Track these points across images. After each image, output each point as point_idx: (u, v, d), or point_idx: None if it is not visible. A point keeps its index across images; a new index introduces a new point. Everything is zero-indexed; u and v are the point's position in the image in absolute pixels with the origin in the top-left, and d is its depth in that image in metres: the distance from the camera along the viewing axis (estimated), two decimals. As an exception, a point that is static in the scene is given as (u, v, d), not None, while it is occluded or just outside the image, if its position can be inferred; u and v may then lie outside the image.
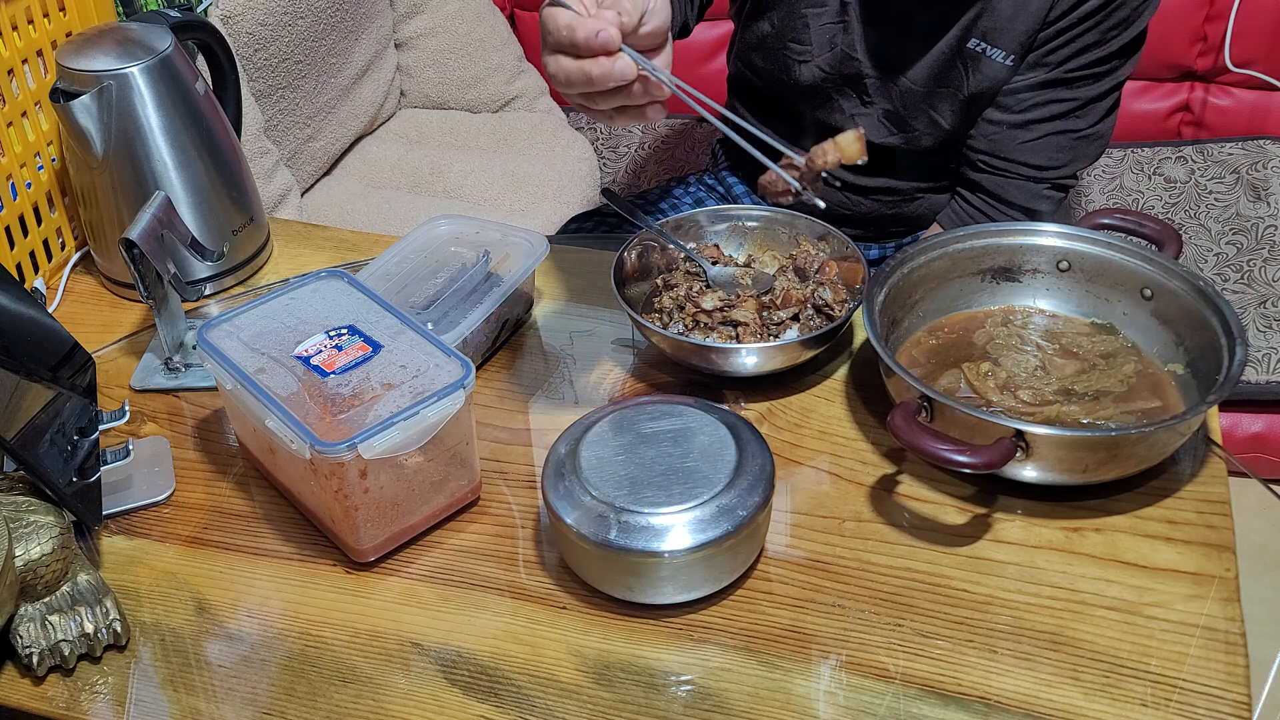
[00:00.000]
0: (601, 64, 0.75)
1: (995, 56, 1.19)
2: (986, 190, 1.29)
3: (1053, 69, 1.19)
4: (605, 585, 0.82)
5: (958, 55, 1.20)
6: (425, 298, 1.03)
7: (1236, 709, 0.74)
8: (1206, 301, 0.93)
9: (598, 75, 0.75)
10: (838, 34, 1.24)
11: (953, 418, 0.85)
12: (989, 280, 1.03)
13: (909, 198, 1.36)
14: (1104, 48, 1.18)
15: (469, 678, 0.78)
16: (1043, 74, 1.20)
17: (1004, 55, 1.19)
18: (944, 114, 1.25)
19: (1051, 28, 1.17)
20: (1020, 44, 1.18)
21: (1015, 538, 0.86)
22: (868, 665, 0.78)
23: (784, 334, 1.00)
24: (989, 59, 1.19)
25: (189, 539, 0.89)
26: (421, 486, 0.86)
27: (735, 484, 0.80)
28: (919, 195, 1.36)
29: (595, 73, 0.75)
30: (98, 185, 1.10)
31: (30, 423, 0.82)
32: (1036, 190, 1.27)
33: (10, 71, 1.09)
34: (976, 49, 1.19)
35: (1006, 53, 1.19)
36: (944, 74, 1.22)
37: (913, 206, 1.37)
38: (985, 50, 1.19)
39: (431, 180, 1.96)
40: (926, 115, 1.25)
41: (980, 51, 1.19)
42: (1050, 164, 1.25)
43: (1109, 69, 1.20)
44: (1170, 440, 0.86)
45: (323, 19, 1.81)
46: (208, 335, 0.89)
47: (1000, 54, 1.19)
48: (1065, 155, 1.25)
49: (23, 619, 0.79)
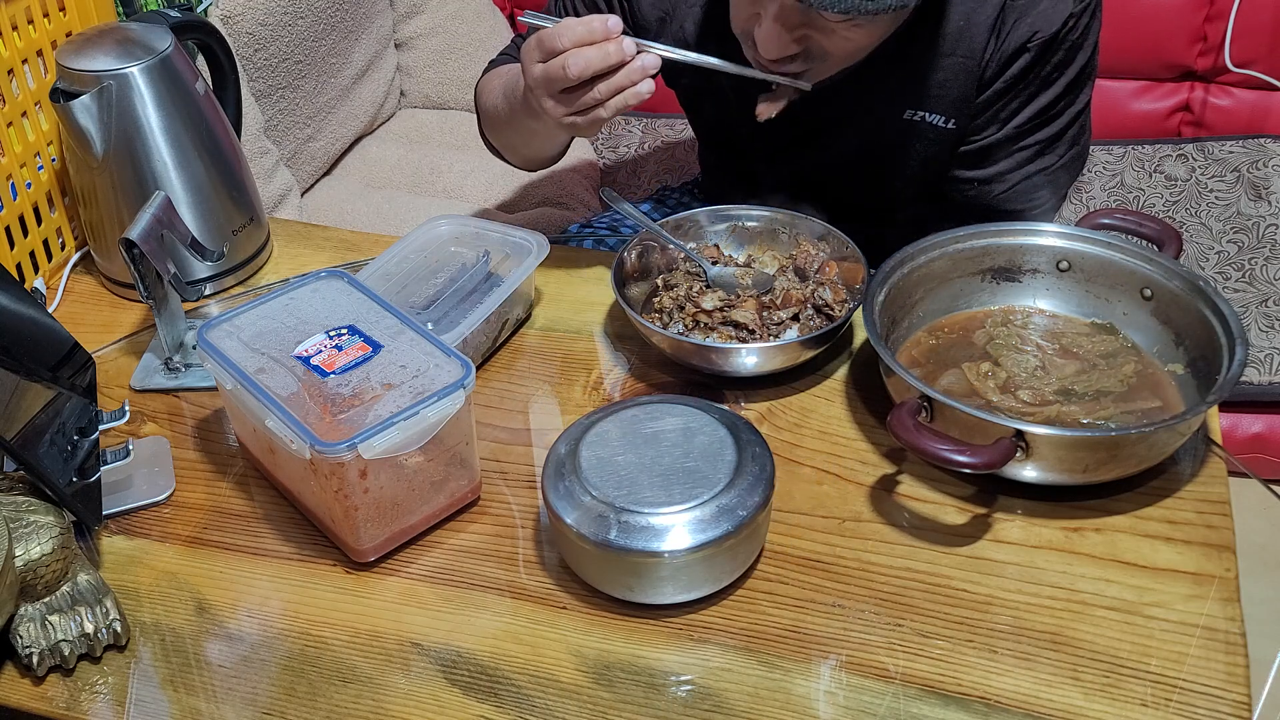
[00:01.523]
0: (615, 42, 0.94)
1: (937, 122, 1.14)
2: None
3: (1003, 126, 1.14)
4: (605, 585, 0.82)
5: (899, 124, 1.16)
6: (425, 298, 1.03)
7: (1236, 709, 0.74)
8: (1207, 301, 0.93)
9: (613, 49, 0.93)
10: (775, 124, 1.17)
11: (953, 418, 0.85)
12: (989, 280, 1.03)
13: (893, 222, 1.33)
14: (1050, 91, 1.12)
15: (469, 678, 0.78)
16: (996, 132, 1.15)
17: (944, 120, 1.14)
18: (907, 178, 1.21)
19: (989, 90, 1.12)
20: (958, 109, 1.13)
21: (1015, 538, 0.86)
22: (868, 665, 0.78)
23: (784, 334, 1.00)
24: (930, 124, 1.15)
25: (189, 539, 0.89)
26: (421, 486, 0.86)
27: (735, 484, 0.80)
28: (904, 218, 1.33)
29: (611, 49, 0.93)
30: (98, 185, 1.10)
31: (30, 423, 0.82)
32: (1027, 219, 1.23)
33: (10, 71, 1.09)
34: (914, 117, 1.15)
35: (945, 118, 1.14)
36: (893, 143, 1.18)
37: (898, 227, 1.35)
38: (925, 117, 1.14)
39: (431, 180, 1.96)
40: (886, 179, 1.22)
41: (920, 119, 1.15)
42: (1028, 206, 1.20)
43: (1063, 105, 1.14)
44: (1170, 440, 0.86)
45: (323, 19, 1.81)
46: (208, 335, 0.89)
47: (940, 119, 1.14)
48: (1044, 192, 1.20)
49: (23, 619, 0.79)
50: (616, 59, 0.94)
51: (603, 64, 0.94)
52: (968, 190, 1.21)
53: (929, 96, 1.13)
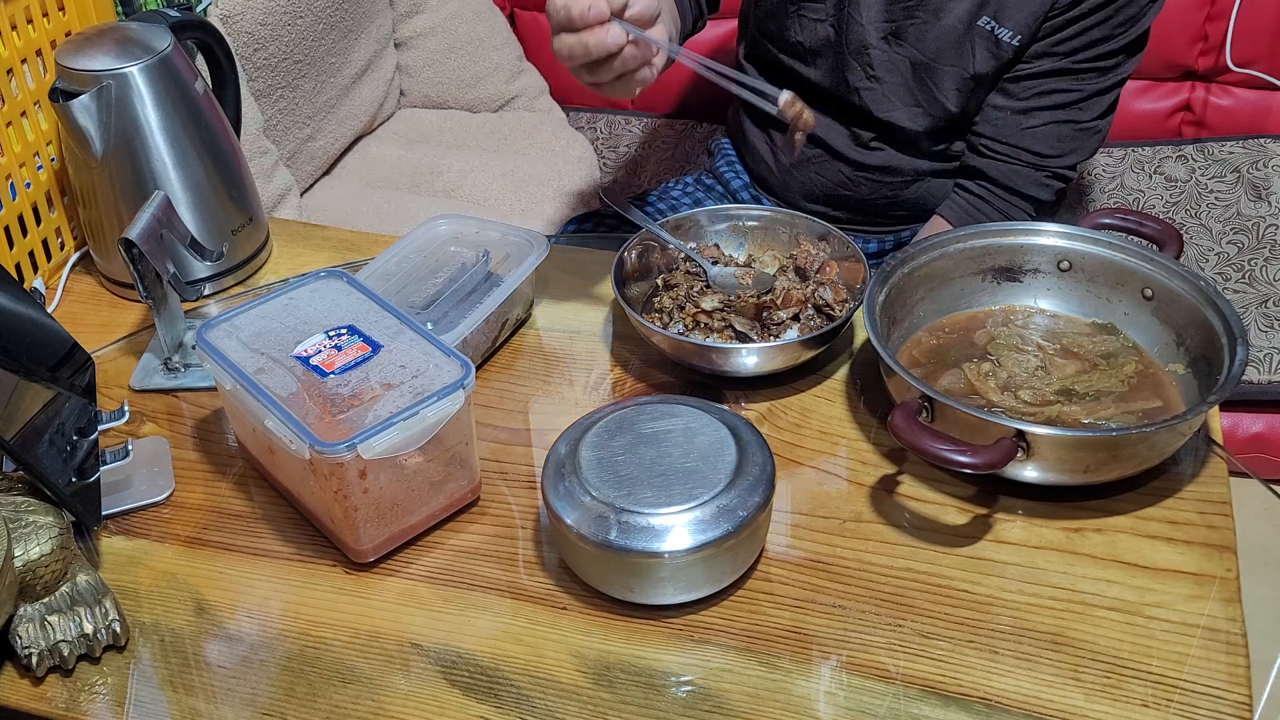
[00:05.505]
0: (595, 33, 0.88)
1: (1003, 36, 1.22)
2: (988, 176, 1.30)
3: (1060, 59, 1.22)
4: (605, 586, 0.81)
5: (967, 32, 1.23)
6: (425, 298, 1.03)
7: (1237, 709, 0.74)
8: (1207, 301, 0.93)
9: (593, 43, 0.88)
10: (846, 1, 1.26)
11: (953, 418, 0.85)
12: (990, 280, 1.03)
13: (908, 180, 1.36)
14: (1110, 43, 1.21)
15: (469, 678, 0.78)
16: (1049, 63, 1.23)
17: (1011, 35, 1.21)
18: (948, 93, 1.27)
19: (1061, 16, 1.19)
20: (1028, 26, 1.21)
21: (1016, 538, 0.86)
22: (868, 666, 0.77)
23: (784, 334, 1.00)
24: (997, 38, 1.22)
25: (188, 539, 0.89)
26: (421, 487, 0.86)
27: (735, 484, 0.79)
28: (918, 178, 1.36)
29: (591, 41, 0.88)
30: (97, 185, 1.10)
31: (30, 423, 0.82)
32: (1037, 178, 1.29)
33: (10, 71, 1.09)
34: (986, 27, 1.22)
35: (1014, 33, 1.21)
36: (952, 50, 1.24)
37: (911, 190, 1.38)
38: (994, 29, 1.22)
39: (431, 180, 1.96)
40: (930, 92, 1.27)
41: (989, 30, 1.22)
42: (1051, 152, 1.28)
43: (1114, 64, 1.23)
44: (1171, 440, 0.86)
45: (322, 19, 1.81)
46: (207, 335, 0.88)
47: (1008, 34, 1.21)
48: (1066, 145, 1.28)
49: (22, 619, 0.79)
50: (599, 52, 0.88)
51: (585, 56, 0.89)
52: (998, 119, 1.28)
53: (1005, 8, 1.20)
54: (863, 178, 1.37)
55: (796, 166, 1.38)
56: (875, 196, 1.38)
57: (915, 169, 1.36)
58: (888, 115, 1.31)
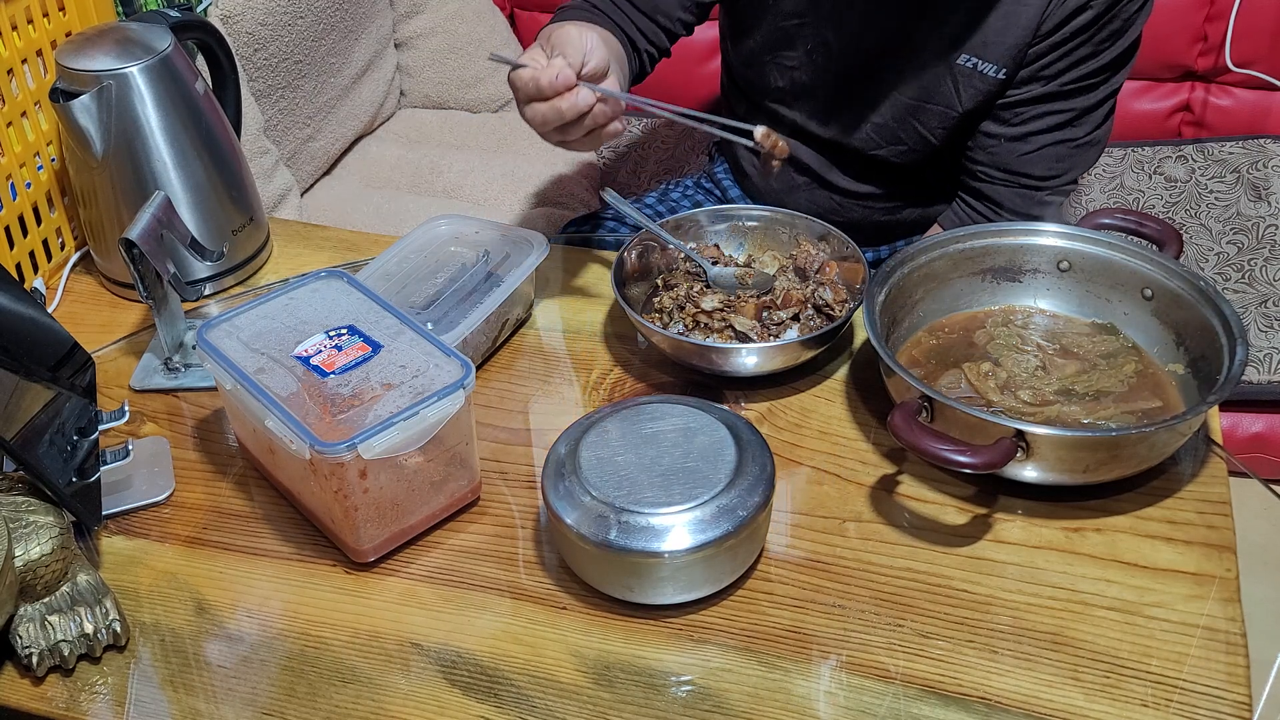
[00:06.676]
0: (566, 98, 0.93)
1: (988, 71, 1.18)
2: (988, 198, 1.29)
3: (1048, 83, 1.19)
4: (605, 585, 0.82)
5: (949, 71, 1.20)
6: (425, 298, 1.03)
7: (1237, 709, 0.74)
8: (1207, 301, 0.93)
9: (565, 108, 0.93)
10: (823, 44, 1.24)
11: (953, 418, 0.85)
12: (989, 280, 1.03)
13: (900, 205, 1.36)
14: (1098, 59, 1.17)
15: (469, 678, 0.78)
16: (1038, 88, 1.19)
17: (996, 69, 1.18)
18: (933, 130, 1.24)
19: (1044, 42, 1.16)
20: (1012, 59, 1.17)
21: (1016, 538, 0.86)
22: (868, 665, 0.77)
23: (784, 334, 1.00)
24: (982, 73, 1.19)
25: (189, 539, 0.89)
26: (421, 487, 0.86)
27: (735, 484, 0.80)
28: (911, 203, 1.36)
29: (563, 106, 0.93)
30: (97, 185, 1.10)
31: (30, 423, 0.82)
32: (1039, 198, 1.27)
33: (10, 71, 1.09)
34: (968, 64, 1.19)
35: (998, 66, 1.18)
36: (935, 90, 1.22)
37: (904, 214, 1.37)
38: (976, 65, 1.18)
39: (431, 180, 1.96)
40: (915, 131, 1.25)
41: (972, 67, 1.19)
42: (1050, 173, 1.25)
43: (1104, 79, 1.20)
44: (1171, 440, 0.86)
45: (323, 19, 1.81)
46: (207, 335, 0.89)
47: (992, 68, 1.18)
48: (1064, 164, 1.25)
49: (22, 619, 0.79)
50: (571, 115, 0.93)
51: (559, 120, 0.94)
52: (992, 147, 1.25)
53: (986, 43, 1.17)
54: (854, 204, 1.35)
55: (787, 192, 1.37)
56: (867, 220, 1.37)
57: (906, 195, 1.35)
58: (874, 153, 1.29)
